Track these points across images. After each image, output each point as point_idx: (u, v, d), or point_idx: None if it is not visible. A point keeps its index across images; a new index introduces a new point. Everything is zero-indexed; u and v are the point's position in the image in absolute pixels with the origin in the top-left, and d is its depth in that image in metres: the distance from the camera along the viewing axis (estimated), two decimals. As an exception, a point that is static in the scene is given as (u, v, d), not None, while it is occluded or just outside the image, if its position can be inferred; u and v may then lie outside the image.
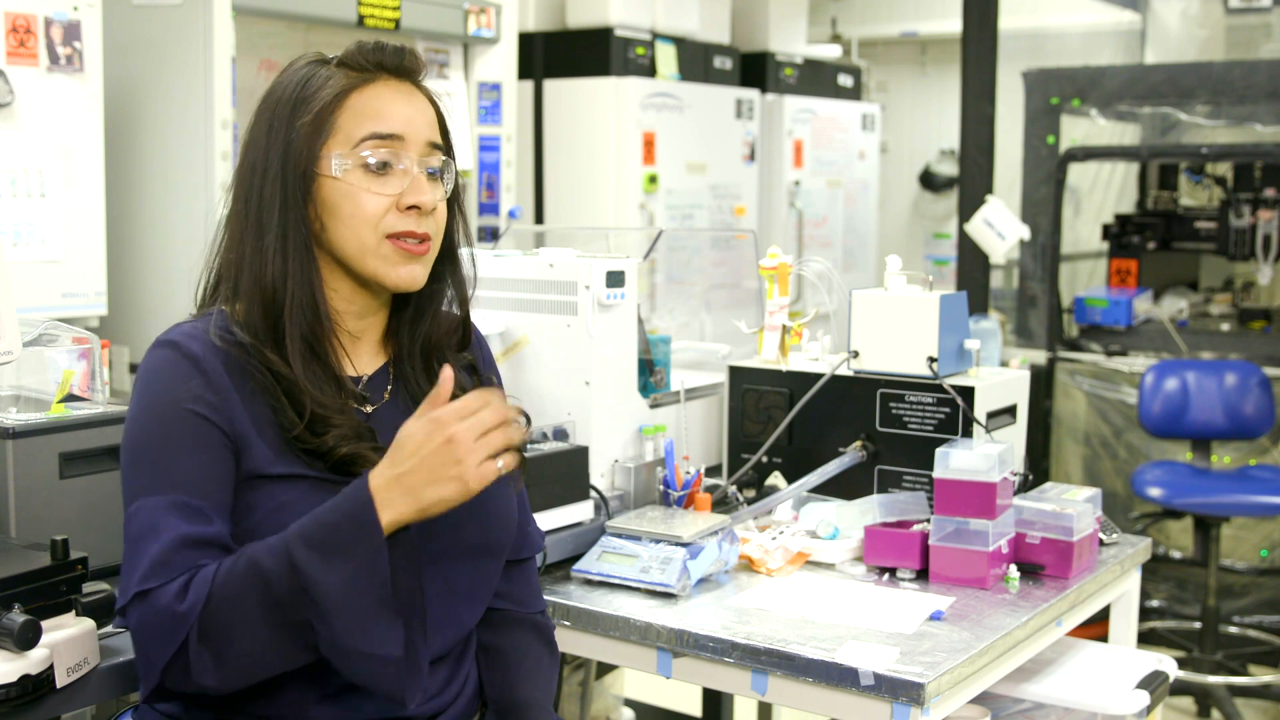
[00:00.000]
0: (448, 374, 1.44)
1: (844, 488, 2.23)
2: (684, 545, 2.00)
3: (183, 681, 1.43)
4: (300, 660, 1.42)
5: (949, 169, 7.80)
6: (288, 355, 1.51)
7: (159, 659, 1.41)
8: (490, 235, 4.33)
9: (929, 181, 8.08)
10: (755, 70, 5.83)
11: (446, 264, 1.66)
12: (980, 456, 2.01)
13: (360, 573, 1.38)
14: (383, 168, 1.54)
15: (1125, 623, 2.32)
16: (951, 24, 5.51)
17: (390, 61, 1.57)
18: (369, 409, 1.59)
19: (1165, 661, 2.15)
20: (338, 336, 1.59)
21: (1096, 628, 2.31)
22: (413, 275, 1.57)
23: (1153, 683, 2.06)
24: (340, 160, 1.53)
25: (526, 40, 4.86)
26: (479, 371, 1.73)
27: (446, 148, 1.63)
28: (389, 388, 1.63)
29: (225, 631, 1.39)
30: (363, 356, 1.63)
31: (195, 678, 1.41)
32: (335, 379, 1.54)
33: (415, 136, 1.56)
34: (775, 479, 2.33)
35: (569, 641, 1.94)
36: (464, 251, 1.69)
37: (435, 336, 1.66)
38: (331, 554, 1.38)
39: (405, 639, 1.42)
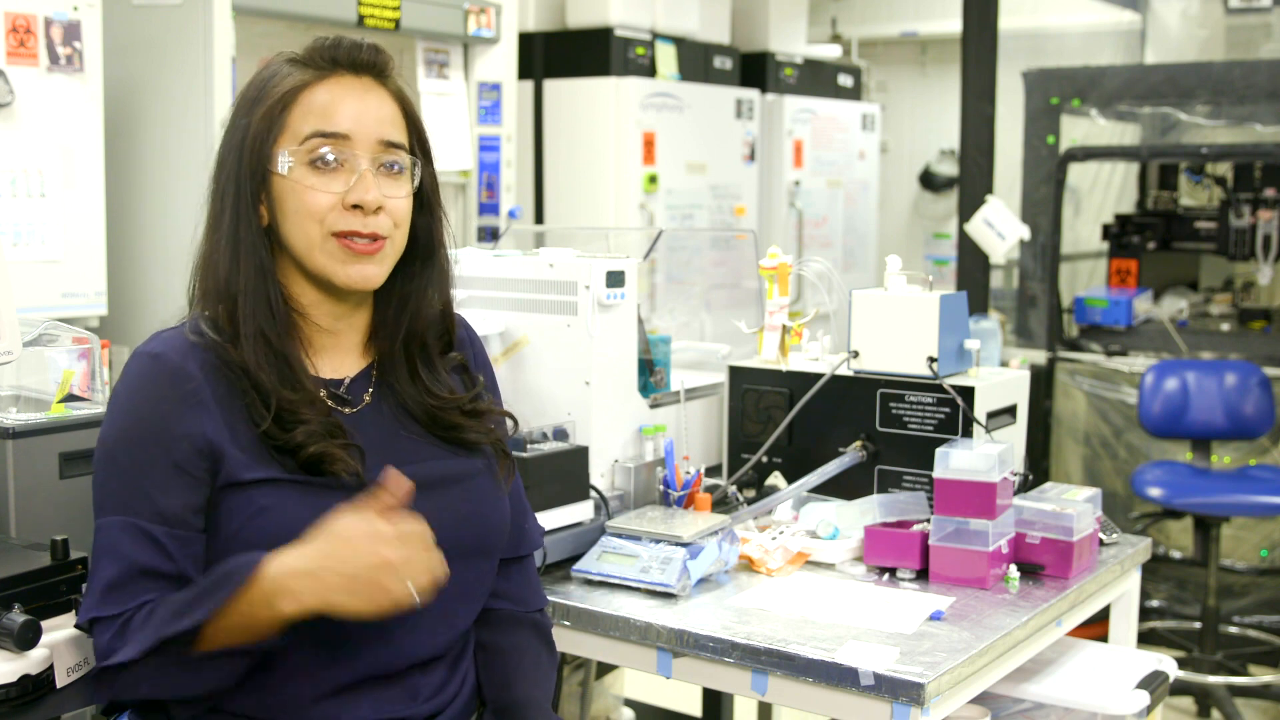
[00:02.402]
0: (398, 484, 1.42)
1: (844, 488, 2.23)
2: (684, 545, 2.00)
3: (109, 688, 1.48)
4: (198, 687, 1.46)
5: (949, 169, 7.80)
6: (246, 348, 1.51)
7: (98, 696, 1.47)
8: (490, 235, 4.34)
9: (929, 181, 8.08)
10: (755, 70, 5.83)
11: (425, 263, 1.63)
12: (980, 456, 2.01)
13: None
14: (328, 165, 1.53)
15: (1125, 623, 2.32)
16: (951, 24, 5.51)
17: (345, 57, 1.56)
18: (348, 410, 1.59)
19: (1165, 661, 2.15)
20: (307, 334, 1.58)
21: (1096, 628, 2.31)
22: (363, 274, 1.55)
23: (1153, 683, 2.06)
24: (286, 158, 1.52)
25: (526, 40, 4.86)
26: (469, 371, 1.73)
27: (414, 144, 1.60)
28: (370, 390, 1.62)
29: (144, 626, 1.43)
30: (344, 358, 1.62)
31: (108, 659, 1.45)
32: (299, 374, 1.53)
33: (364, 134, 1.54)
34: (775, 479, 2.33)
35: (569, 641, 1.94)
36: (449, 251, 1.67)
37: (418, 338, 1.64)
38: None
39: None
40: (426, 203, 1.62)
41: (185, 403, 1.48)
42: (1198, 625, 4.08)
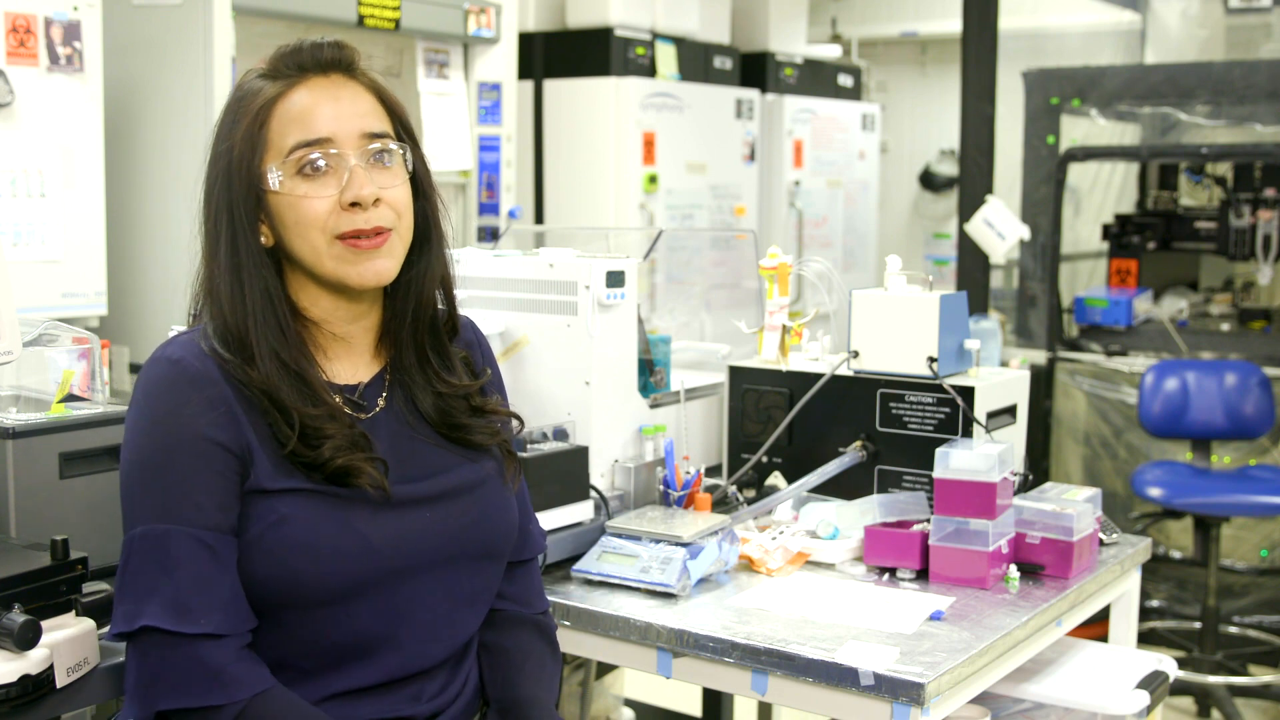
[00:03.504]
0: None
1: (844, 488, 2.23)
2: (684, 545, 2.00)
3: None
4: None
5: (949, 169, 7.80)
6: (262, 371, 1.50)
7: (167, 702, 1.43)
8: (490, 235, 4.34)
9: (929, 181, 8.08)
10: (755, 70, 5.83)
11: (423, 248, 1.62)
12: (980, 456, 2.01)
13: None
14: (318, 171, 1.52)
15: (1125, 623, 2.32)
16: (951, 24, 5.51)
17: (309, 60, 1.55)
18: (364, 416, 1.59)
19: (1165, 661, 2.15)
20: (320, 344, 1.58)
21: (1096, 628, 2.31)
22: (375, 270, 1.55)
23: (1153, 683, 2.06)
24: (275, 172, 1.52)
25: (526, 40, 4.86)
26: (474, 366, 1.73)
27: (398, 132, 1.59)
28: (384, 394, 1.62)
29: None
30: (357, 363, 1.62)
31: None
32: (318, 388, 1.53)
33: (346, 132, 1.53)
34: (775, 479, 2.33)
35: (569, 641, 1.94)
36: (445, 233, 1.66)
37: (425, 323, 1.64)
38: None
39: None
40: (420, 187, 1.62)
41: (212, 407, 1.48)
42: (1198, 625, 4.08)
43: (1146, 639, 4.24)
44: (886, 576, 2.06)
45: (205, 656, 1.42)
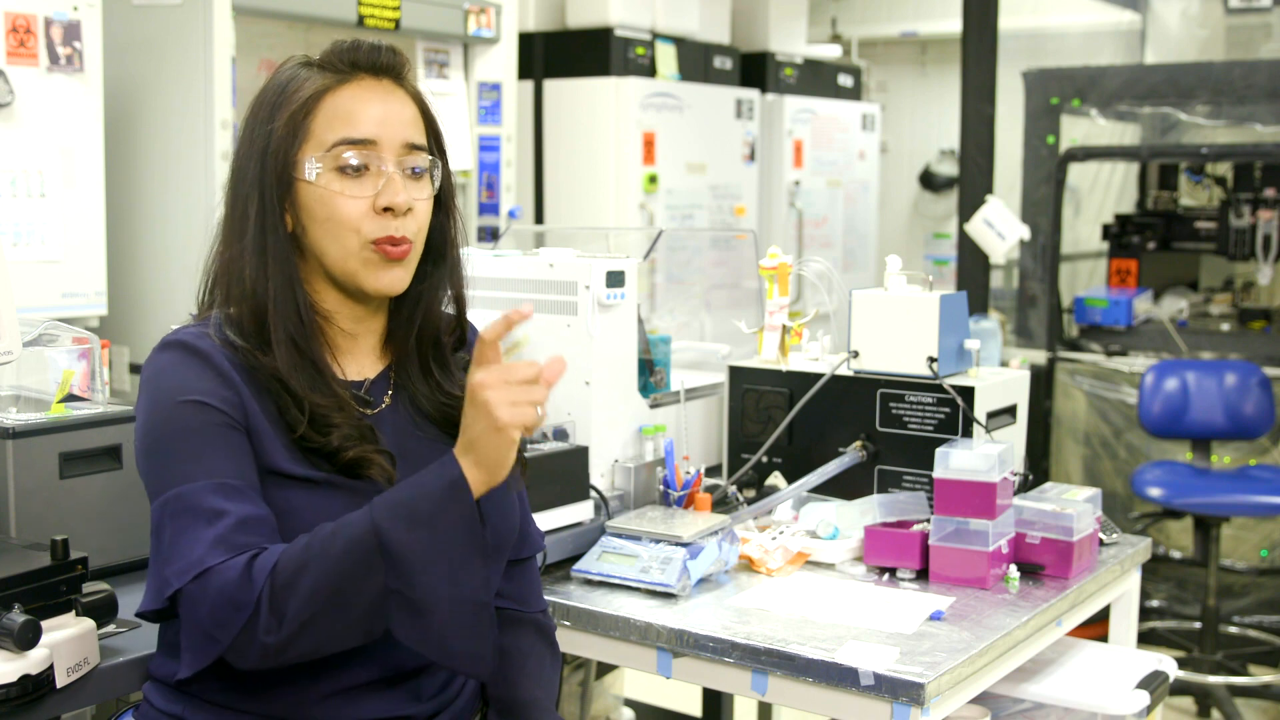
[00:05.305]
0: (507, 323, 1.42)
1: (844, 488, 2.23)
2: (684, 545, 2.00)
3: (246, 648, 1.39)
4: (356, 640, 1.41)
5: (949, 169, 7.80)
6: (276, 357, 1.51)
7: (226, 631, 1.38)
8: (490, 235, 4.34)
9: (929, 181, 8.08)
10: (755, 70, 5.83)
11: (438, 263, 1.64)
12: (980, 456, 2.01)
13: (452, 532, 1.38)
14: (357, 171, 1.53)
15: (1125, 623, 2.32)
16: (951, 24, 5.51)
17: (365, 60, 1.56)
18: (370, 412, 1.59)
19: (1165, 661, 2.15)
20: (329, 338, 1.59)
21: (1096, 628, 2.31)
22: (392, 280, 1.56)
23: (1153, 683, 2.06)
24: (314, 165, 1.52)
25: (526, 40, 4.86)
26: None
27: (433, 146, 1.61)
28: (390, 392, 1.63)
29: (293, 597, 1.36)
30: (364, 360, 1.63)
31: (260, 636, 1.37)
32: (328, 380, 1.54)
33: (390, 138, 1.55)
34: (775, 479, 2.33)
35: (569, 641, 1.94)
36: (460, 250, 1.68)
37: (430, 336, 1.65)
38: (420, 520, 1.37)
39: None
40: (444, 203, 1.64)
41: (223, 382, 1.48)
42: (1198, 625, 4.08)
43: (1146, 639, 4.24)
44: (886, 576, 2.06)
45: (251, 564, 1.39)
